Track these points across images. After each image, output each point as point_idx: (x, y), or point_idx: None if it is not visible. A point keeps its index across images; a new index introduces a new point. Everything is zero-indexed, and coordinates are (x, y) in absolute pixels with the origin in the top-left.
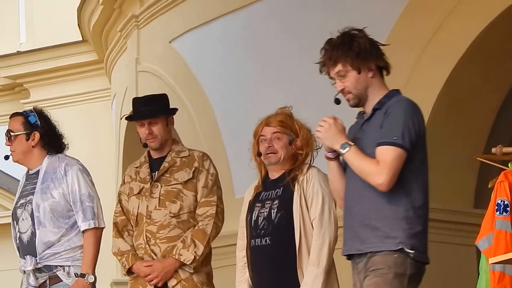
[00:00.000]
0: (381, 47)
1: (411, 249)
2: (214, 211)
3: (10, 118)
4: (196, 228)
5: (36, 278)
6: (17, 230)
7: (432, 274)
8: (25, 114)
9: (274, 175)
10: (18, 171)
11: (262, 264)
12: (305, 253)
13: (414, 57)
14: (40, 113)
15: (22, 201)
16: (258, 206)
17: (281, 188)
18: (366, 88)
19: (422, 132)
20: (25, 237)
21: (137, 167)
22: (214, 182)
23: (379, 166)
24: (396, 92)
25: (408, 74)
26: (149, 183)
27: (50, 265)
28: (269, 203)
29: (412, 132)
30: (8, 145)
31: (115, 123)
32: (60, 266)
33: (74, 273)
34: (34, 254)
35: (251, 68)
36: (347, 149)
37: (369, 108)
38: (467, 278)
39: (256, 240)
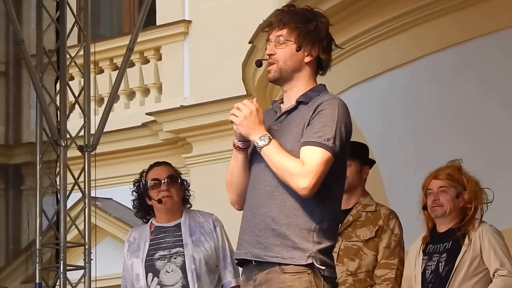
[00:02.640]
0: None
1: (321, 265)
2: (394, 275)
3: (158, 165)
4: None
5: None
6: (156, 282)
7: None
8: (174, 167)
9: (441, 228)
10: None
11: None
12: None
13: None
14: None
15: (162, 252)
16: (425, 259)
17: (450, 242)
18: (295, 70)
19: (350, 137)
20: None
21: None
22: (397, 243)
23: (305, 168)
24: (323, 87)
25: None
26: None
27: None
28: (436, 256)
29: (343, 136)
30: (164, 190)
31: None
32: None
33: None
34: None
35: (417, 122)
36: (266, 142)
37: (291, 97)
38: None
39: None
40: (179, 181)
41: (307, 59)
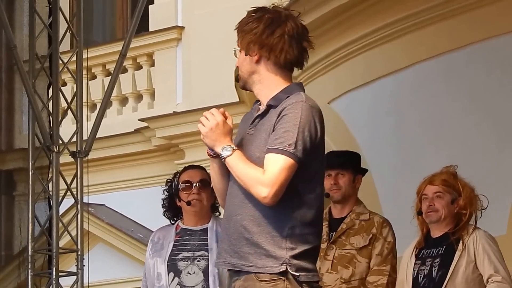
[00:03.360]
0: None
1: (296, 271)
2: (385, 281)
3: (192, 168)
4: None
5: None
6: (176, 282)
7: None
8: (208, 173)
9: (436, 233)
10: None
11: None
12: None
13: None
14: None
15: (186, 254)
16: (418, 264)
17: (444, 247)
18: (251, 73)
19: (319, 139)
20: None
21: None
22: (389, 251)
23: (265, 176)
24: (297, 86)
25: None
26: (325, 244)
27: None
28: (429, 261)
29: (307, 140)
30: (194, 193)
31: None
32: None
33: None
34: None
35: (411, 128)
36: (229, 153)
37: (262, 101)
38: None
39: None
40: (211, 187)
41: (254, 60)
